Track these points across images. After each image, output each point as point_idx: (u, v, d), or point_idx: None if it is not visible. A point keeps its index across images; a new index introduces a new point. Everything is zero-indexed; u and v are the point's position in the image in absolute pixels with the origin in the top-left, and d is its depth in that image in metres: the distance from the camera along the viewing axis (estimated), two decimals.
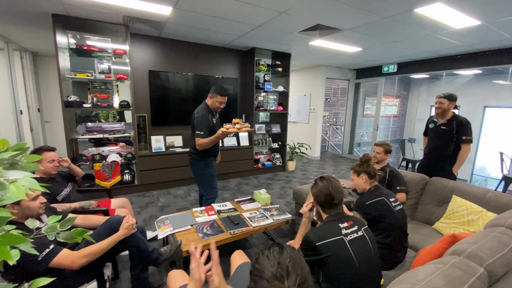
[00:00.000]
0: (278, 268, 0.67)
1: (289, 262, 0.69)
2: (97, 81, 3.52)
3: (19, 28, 3.54)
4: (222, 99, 2.38)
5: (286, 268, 0.68)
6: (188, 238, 1.91)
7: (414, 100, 8.92)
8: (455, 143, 2.50)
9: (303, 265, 0.71)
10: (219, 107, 2.43)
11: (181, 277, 1.28)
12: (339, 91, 9.23)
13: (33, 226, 0.74)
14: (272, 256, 0.71)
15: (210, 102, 2.42)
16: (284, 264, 0.68)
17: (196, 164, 2.52)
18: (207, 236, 1.94)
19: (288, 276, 0.66)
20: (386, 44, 4.10)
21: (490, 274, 0.99)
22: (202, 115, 2.35)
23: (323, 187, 1.31)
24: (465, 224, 1.92)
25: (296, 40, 4.00)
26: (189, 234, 1.98)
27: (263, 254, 0.73)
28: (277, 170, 5.33)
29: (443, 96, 2.49)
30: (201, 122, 2.31)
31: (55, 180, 2.03)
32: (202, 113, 2.37)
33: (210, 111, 2.43)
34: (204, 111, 2.39)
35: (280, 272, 0.67)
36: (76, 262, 1.30)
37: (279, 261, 0.69)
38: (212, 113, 2.46)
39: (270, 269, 0.68)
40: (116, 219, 1.59)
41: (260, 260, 0.72)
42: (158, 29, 3.64)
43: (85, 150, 3.70)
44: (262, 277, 0.68)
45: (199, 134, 2.29)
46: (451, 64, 4.74)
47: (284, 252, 0.72)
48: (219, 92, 2.36)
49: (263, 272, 0.68)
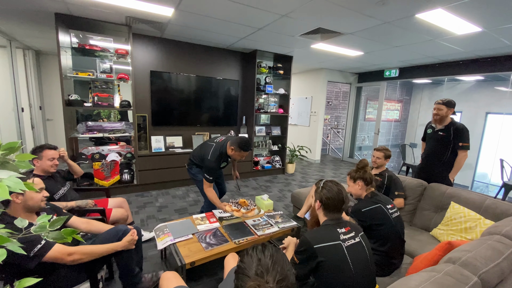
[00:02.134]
0: (259, 266, 0.73)
1: (270, 260, 0.75)
2: (99, 81, 3.54)
3: (22, 26, 3.57)
4: (245, 154, 2.35)
5: (267, 265, 0.73)
6: (191, 248, 1.80)
7: (416, 105, 8.90)
8: (452, 149, 2.49)
9: (284, 263, 0.76)
10: (239, 160, 2.43)
11: (173, 279, 1.27)
12: (341, 95, 9.24)
13: (22, 226, 0.74)
14: (254, 255, 0.77)
15: (230, 153, 2.36)
16: (265, 262, 0.74)
17: (189, 170, 2.64)
18: (210, 246, 1.82)
19: (268, 273, 0.71)
20: (388, 49, 4.10)
21: (484, 283, 0.98)
22: (214, 162, 2.34)
23: (338, 192, 1.29)
24: (462, 231, 1.90)
25: (298, 43, 4.01)
26: (191, 243, 1.86)
27: (247, 253, 0.79)
28: (276, 173, 5.32)
29: (442, 103, 2.47)
30: (211, 169, 2.35)
31: (53, 179, 2.03)
32: (215, 158, 2.35)
33: (226, 157, 2.42)
34: (218, 156, 2.36)
35: (260, 269, 0.72)
36: (72, 255, 1.30)
37: (260, 259, 0.75)
38: (227, 159, 2.46)
39: (252, 267, 0.73)
40: (124, 229, 1.61)
41: (244, 259, 0.77)
42: (160, 30, 3.66)
43: (85, 149, 3.71)
44: (244, 274, 0.73)
45: (207, 178, 2.36)
46: (453, 69, 4.73)
47: (266, 252, 0.78)
48: (244, 148, 2.31)
49: (246, 269, 0.74)
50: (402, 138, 9.41)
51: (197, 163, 2.55)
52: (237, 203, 2.02)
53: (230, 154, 2.37)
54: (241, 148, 2.30)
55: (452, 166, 2.51)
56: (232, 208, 1.98)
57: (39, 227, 0.76)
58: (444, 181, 2.48)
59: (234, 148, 2.32)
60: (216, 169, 2.38)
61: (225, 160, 2.45)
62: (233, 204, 2.02)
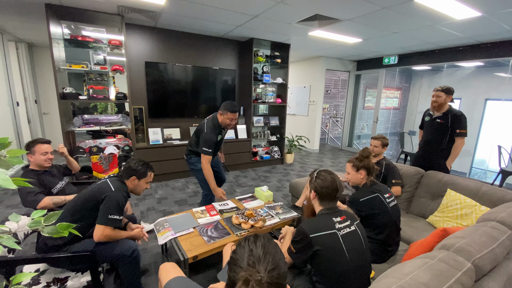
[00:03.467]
0: (250, 256, 0.74)
1: (261, 250, 0.75)
2: (93, 73, 3.48)
3: (13, 18, 3.48)
4: (232, 116, 2.37)
5: (258, 255, 0.74)
6: (192, 242, 1.79)
7: (416, 92, 8.84)
8: (449, 136, 2.49)
9: (276, 252, 0.77)
10: (230, 124, 2.42)
11: (172, 269, 1.29)
12: (340, 83, 9.14)
13: (17, 221, 0.74)
14: (246, 245, 0.78)
15: (221, 119, 2.41)
16: (257, 252, 0.75)
17: (188, 160, 2.63)
18: (212, 239, 1.81)
19: (260, 262, 0.72)
20: (387, 35, 4.02)
21: (478, 269, 1.00)
22: (210, 133, 2.37)
23: (332, 181, 1.31)
24: (458, 218, 1.93)
25: (295, 30, 3.93)
26: (192, 237, 1.84)
27: (240, 245, 0.80)
28: (275, 163, 5.34)
29: (441, 89, 2.46)
30: (208, 140, 2.35)
31: (50, 173, 2.03)
32: (210, 130, 2.39)
33: (219, 127, 2.45)
34: (212, 128, 2.40)
35: (252, 259, 0.73)
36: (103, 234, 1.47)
37: (251, 249, 0.76)
38: (221, 130, 2.48)
39: (244, 257, 0.74)
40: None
41: (237, 250, 0.78)
42: (154, 19, 3.57)
43: (82, 142, 3.70)
44: (237, 265, 0.74)
45: (205, 151, 2.33)
46: (453, 56, 4.67)
47: (257, 242, 0.78)
48: (229, 109, 2.34)
49: (238, 260, 0.74)
50: (401, 126, 9.40)
51: (194, 150, 2.54)
52: (244, 215, 2.04)
53: (221, 121, 2.41)
54: (227, 109, 2.35)
55: (449, 153, 2.52)
56: (239, 220, 1.99)
57: (34, 222, 0.76)
58: (442, 168, 2.49)
59: (222, 112, 2.38)
60: (213, 141, 2.37)
61: (219, 132, 2.47)
62: (240, 216, 2.04)
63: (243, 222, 1.96)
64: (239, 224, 1.97)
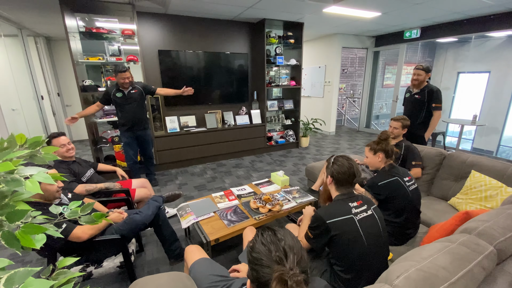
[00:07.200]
0: (276, 252, 0.66)
1: (284, 244, 0.68)
2: (109, 64, 3.56)
3: (29, 14, 3.57)
4: (120, 76, 2.84)
5: (283, 249, 0.67)
6: (213, 225, 1.87)
7: (440, 67, 8.28)
8: (426, 110, 2.83)
9: (296, 242, 0.71)
10: (124, 83, 2.88)
11: (197, 251, 1.37)
12: (357, 61, 8.75)
13: (57, 212, 0.81)
14: (266, 241, 0.70)
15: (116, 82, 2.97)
16: (280, 247, 0.68)
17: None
18: (232, 223, 1.89)
19: (287, 257, 0.65)
20: (408, 7, 3.75)
21: (500, 253, 0.98)
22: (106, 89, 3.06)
23: (349, 166, 1.30)
24: (482, 200, 1.87)
25: (308, 8, 3.75)
26: (213, 221, 1.93)
27: (257, 241, 0.71)
28: (290, 147, 5.33)
29: (421, 68, 2.74)
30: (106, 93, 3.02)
31: (78, 163, 2.17)
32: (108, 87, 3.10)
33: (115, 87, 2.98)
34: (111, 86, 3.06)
35: (278, 255, 0.66)
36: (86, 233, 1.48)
37: (275, 244, 0.68)
38: (118, 89, 2.97)
39: (268, 255, 0.67)
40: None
41: (256, 248, 0.70)
42: (164, 6, 3.54)
43: (105, 132, 3.86)
44: (262, 264, 0.66)
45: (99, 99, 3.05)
46: (483, 26, 4.29)
47: (277, 235, 0.71)
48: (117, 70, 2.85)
49: (262, 259, 0.67)
50: None
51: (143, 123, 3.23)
52: (262, 200, 2.10)
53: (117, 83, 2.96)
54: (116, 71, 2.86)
55: (427, 126, 2.86)
56: (257, 205, 2.06)
57: (72, 212, 0.84)
58: (419, 140, 2.83)
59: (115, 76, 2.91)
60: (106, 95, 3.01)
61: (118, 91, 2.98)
62: (257, 201, 2.10)
63: (261, 207, 2.02)
64: (257, 209, 2.04)
